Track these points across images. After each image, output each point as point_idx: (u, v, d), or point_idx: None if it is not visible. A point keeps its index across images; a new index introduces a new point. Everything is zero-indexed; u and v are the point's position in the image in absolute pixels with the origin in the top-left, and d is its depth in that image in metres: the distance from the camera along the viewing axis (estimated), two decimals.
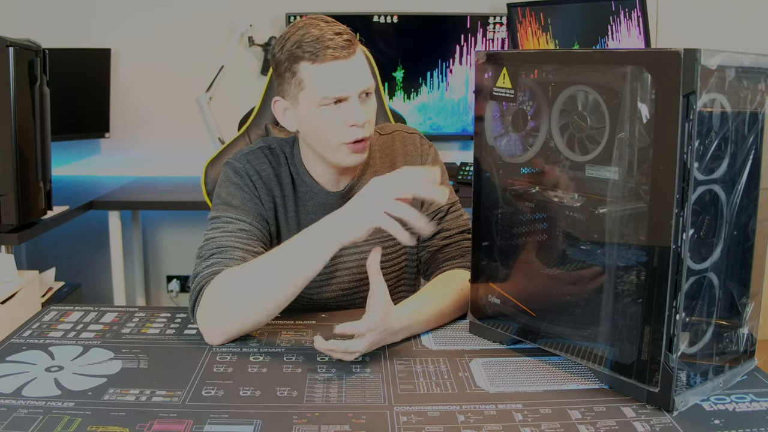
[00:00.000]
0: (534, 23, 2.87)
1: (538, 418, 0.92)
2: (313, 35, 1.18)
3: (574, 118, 1.01)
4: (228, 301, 1.14)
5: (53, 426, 0.89)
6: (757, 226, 1.01)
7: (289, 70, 1.22)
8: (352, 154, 1.24)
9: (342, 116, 1.20)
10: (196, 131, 3.18)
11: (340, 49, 1.18)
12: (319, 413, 0.93)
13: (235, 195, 1.29)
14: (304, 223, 1.33)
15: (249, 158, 1.33)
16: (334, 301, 1.37)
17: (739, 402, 0.97)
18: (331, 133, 1.22)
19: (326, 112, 1.21)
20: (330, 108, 1.20)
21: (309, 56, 1.18)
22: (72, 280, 2.75)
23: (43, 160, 2.15)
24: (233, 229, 1.25)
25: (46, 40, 2.25)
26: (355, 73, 1.20)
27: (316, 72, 1.19)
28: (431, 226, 1.08)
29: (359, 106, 1.20)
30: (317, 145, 1.27)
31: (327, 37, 1.18)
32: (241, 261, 1.19)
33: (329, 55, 1.18)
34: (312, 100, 1.21)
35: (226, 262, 1.18)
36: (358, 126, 1.20)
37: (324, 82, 1.19)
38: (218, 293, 1.14)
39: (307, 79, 1.20)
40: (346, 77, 1.19)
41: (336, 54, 1.18)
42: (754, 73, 0.95)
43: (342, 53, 1.18)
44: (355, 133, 1.21)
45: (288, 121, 1.28)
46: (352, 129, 1.21)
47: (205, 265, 1.19)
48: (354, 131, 1.21)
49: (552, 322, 1.08)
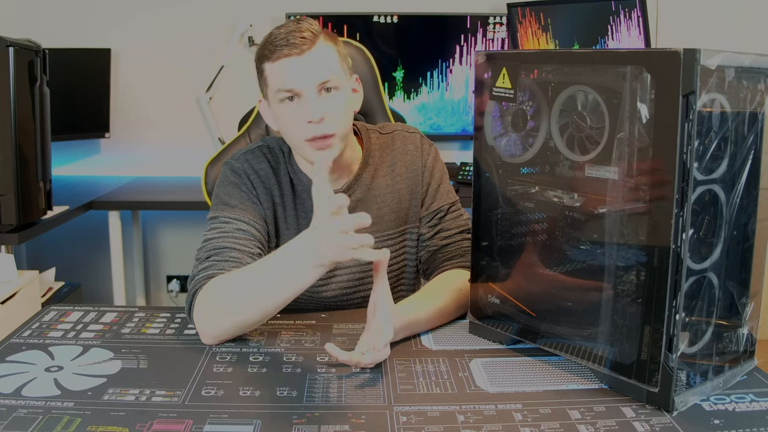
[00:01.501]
0: (534, 23, 2.87)
1: (537, 418, 0.92)
2: (275, 35, 1.22)
3: (574, 118, 1.01)
4: (217, 308, 1.15)
5: (53, 426, 0.89)
6: (757, 226, 1.01)
7: (258, 69, 1.27)
8: (318, 150, 1.23)
9: (299, 112, 1.22)
10: (196, 131, 3.18)
11: (291, 46, 1.20)
12: (319, 413, 0.93)
13: (233, 195, 1.30)
14: (303, 222, 1.34)
15: (247, 157, 1.34)
16: (334, 301, 1.38)
17: (739, 402, 0.97)
18: (293, 129, 1.24)
19: (286, 109, 1.23)
20: (288, 104, 1.23)
21: (267, 54, 1.23)
22: (72, 280, 2.75)
23: (43, 160, 2.15)
24: (231, 229, 1.25)
25: (46, 40, 2.25)
26: (307, 68, 1.21)
27: (273, 69, 1.23)
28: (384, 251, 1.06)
29: (315, 101, 1.21)
30: (289, 143, 1.30)
31: (282, 36, 1.21)
32: (237, 262, 1.20)
33: (282, 53, 1.21)
34: (272, 97, 1.25)
35: (221, 264, 1.19)
36: (313, 122, 1.20)
37: (277, 78, 1.22)
38: (208, 299, 1.15)
39: (269, 77, 1.24)
40: (296, 73, 1.21)
41: (287, 51, 1.21)
42: (754, 73, 0.95)
43: (293, 51, 1.21)
44: (312, 130, 1.21)
45: (269, 120, 1.32)
46: (309, 125, 1.21)
47: (201, 268, 1.20)
48: (311, 128, 1.21)
49: (552, 322, 1.08)
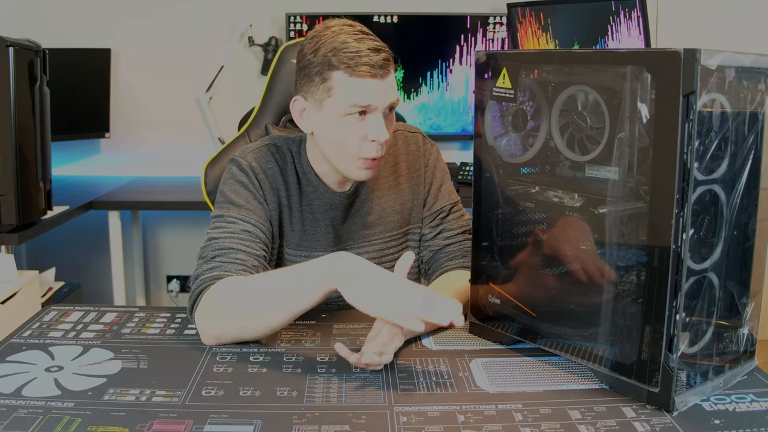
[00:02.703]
0: (534, 23, 2.87)
1: (538, 418, 0.92)
2: (353, 47, 1.17)
3: (574, 118, 1.01)
4: (223, 313, 1.14)
5: (53, 426, 0.89)
6: (757, 226, 1.01)
7: (320, 75, 1.20)
8: (364, 170, 1.24)
9: (364, 130, 1.20)
10: (196, 131, 3.18)
11: (377, 67, 1.17)
12: (319, 413, 0.93)
13: (240, 194, 1.28)
14: (308, 223, 1.33)
15: (255, 156, 1.31)
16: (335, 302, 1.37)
17: (739, 402, 0.97)
18: (350, 144, 1.21)
19: (349, 123, 1.20)
20: (354, 119, 1.19)
21: (345, 68, 1.17)
22: (72, 280, 2.75)
23: (43, 160, 2.15)
24: (237, 230, 1.24)
25: (46, 40, 2.25)
26: (386, 92, 1.19)
27: (350, 84, 1.18)
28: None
29: (382, 123, 1.20)
30: (331, 153, 1.25)
31: (366, 53, 1.17)
32: (242, 264, 1.19)
33: (367, 72, 1.17)
34: (338, 108, 1.19)
35: (227, 266, 1.18)
36: (378, 141, 1.20)
37: (355, 93, 1.18)
38: (215, 302, 1.14)
39: (338, 87, 1.18)
40: (376, 94, 1.18)
41: (373, 72, 1.17)
42: (754, 73, 0.95)
43: (378, 72, 1.17)
44: (373, 150, 1.21)
45: (305, 122, 1.26)
46: (372, 144, 1.21)
47: (206, 268, 1.19)
48: (373, 147, 1.21)
49: (552, 322, 1.08)
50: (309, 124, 1.26)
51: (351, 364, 1.07)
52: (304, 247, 1.34)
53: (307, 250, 1.34)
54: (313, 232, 1.34)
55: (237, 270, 1.18)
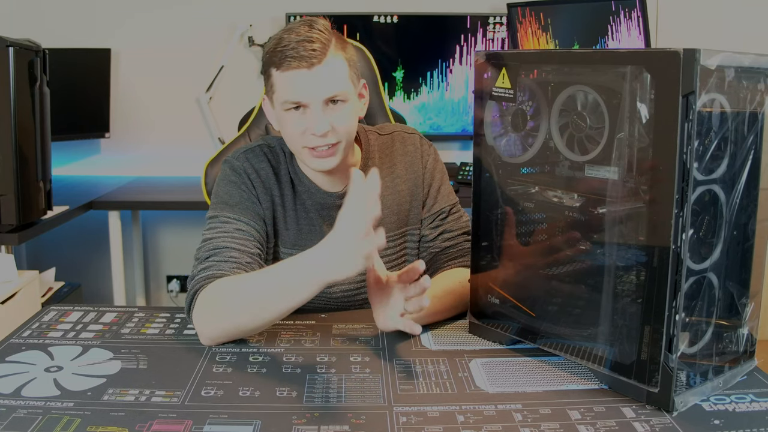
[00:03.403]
0: (534, 23, 2.87)
1: (537, 419, 0.92)
2: (284, 42, 1.20)
3: (574, 118, 1.01)
4: (217, 312, 1.14)
5: (53, 426, 0.89)
6: (757, 226, 1.01)
7: (265, 73, 1.25)
8: (315, 159, 1.25)
9: (304, 123, 1.22)
10: (196, 131, 3.18)
11: (301, 59, 1.18)
12: (319, 413, 0.93)
13: (233, 194, 1.29)
14: (302, 222, 1.34)
15: (248, 156, 1.33)
16: (335, 302, 1.38)
17: (739, 402, 0.97)
18: (293, 137, 1.25)
19: (291, 117, 1.23)
20: (293, 113, 1.22)
21: (276, 63, 1.21)
22: (72, 280, 2.75)
23: (43, 160, 2.15)
24: (230, 229, 1.25)
25: (46, 40, 2.25)
26: (316, 82, 1.20)
27: (281, 79, 1.21)
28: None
29: (320, 115, 1.20)
30: (290, 147, 1.30)
31: (292, 46, 1.18)
32: (236, 261, 1.20)
33: (291, 65, 1.19)
34: (278, 104, 1.24)
35: (220, 265, 1.19)
36: (315, 135, 1.21)
37: (284, 88, 1.21)
38: (210, 303, 1.14)
39: (276, 84, 1.23)
40: (304, 86, 1.20)
41: (295, 64, 1.19)
42: (754, 73, 0.95)
43: (302, 64, 1.18)
44: (315, 141, 1.22)
45: (272, 119, 1.31)
46: (311, 136, 1.22)
47: (201, 268, 1.19)
48: (314, 139, 1.22)
49: (552, 322, 1.08)
50: (274, 122, 1.31)
51: (351, 364, 1.08)
52: (300, 246, 1.34)
53: (302, 249, 1.33)
54: (308, 230, 1.34)
55: (230, 268, 1.19)
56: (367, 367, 1.08)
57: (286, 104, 1.22)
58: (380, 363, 1.09)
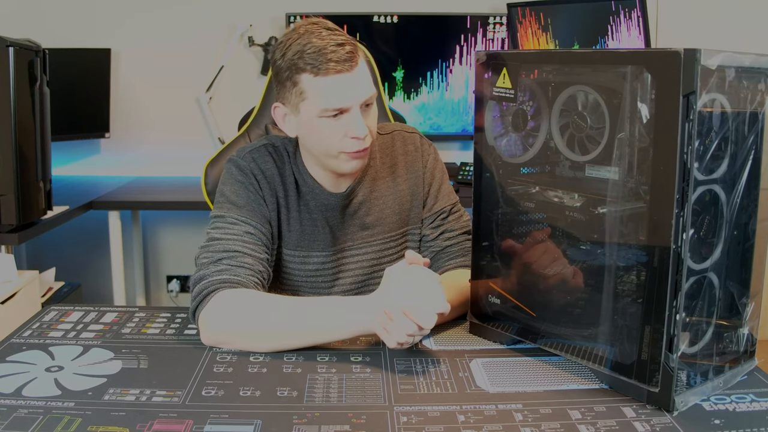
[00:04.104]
0: (534, 23, 2.87)
1: (538, 418, 0.92)
2: (315, 46, 1.17)
3: (574, 118, 1.01)
4: (237, 325, 1.13)
5: (53, 426, 0.89)
6: (757, 226, 1.01)
7: (290, 79, 1.21)
8: (351, 161, 1.24)
9: (343, 127, 1.20)
10: (196, 131, 3.18)
11: (342, 62, 1.17)
12: (319, 413, 0.93)
13: (240, 194, 1.28)
14: (306, 223, 1.33)
15: (254, 156, 1.32)
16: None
17: (739, 402, 0.97)
18: (331, 142, 1.22)
19: (327, 123, 1.21)
20: (331, 120, 1.20)
21: (311, 68, 1.17)
22: (72, 280, 2.75)
23: (43, 160, 2.15)
24: (240, 231, 1.24)
25: (46, 40, 2.25)
26: (356, 85, 1.19)
27: (318, 84, 1.18)
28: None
29: (360, 118, 1.20)
30: (317, 152, 1.27)
31: (329, 49, 1.16)
32: (251, 269, 1.19)
33: (331, 69, 1.17)
34: (313, 110, 1.20)
35: (236, 270, 1.18)
36: (358, 138, 1.21)
37: (325, 94, 1.18)
38: (229, 311, 1.13)
39: (309, 90, 1.19)
40: (347, 90, 1.19)
41: (338, 68, 1.17)
42: (754, 73, 0.95)
43: (344, 66, 1.17)
44: (355, 145, 1.22)
45: (288, 126, 1.28)
46: (353, 140, 1.21)
47: (214, 270, 1.18)
48: (354, 143, 1.22)
49: (552, 322, 1.08)
50: (292, 129, 1.28)
51: (351, 364, 1.08)
52: (303, 248, 1.34)
53: (305, 250, 1.34)
54: (311, 232, 1.34)
55: (246, 275, 1.18)
56: (368, 367, 1.08)
57: (327, 111, 1.19)
58: (381, 363, 1.09)
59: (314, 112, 1.20)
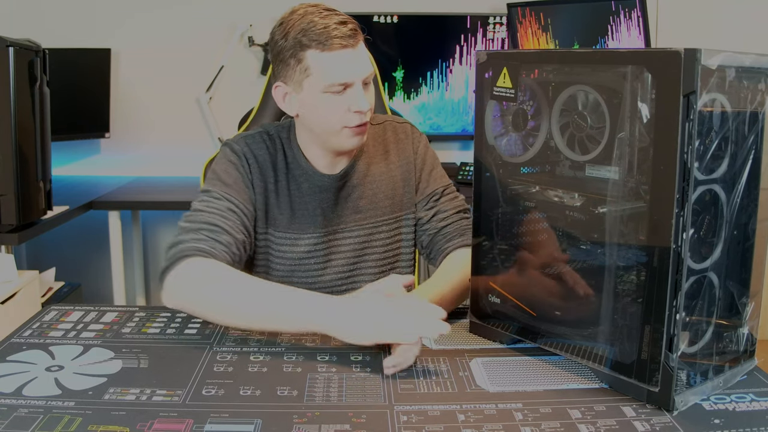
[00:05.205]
0: (534, 23, 2.87)
1: (538, 418, 0.92)
2: (319, 24, 1.21)
3: (575, 117, 1.01)
4: (200, 294, 1.17)
5: (53, 425, 0.89)
6: (757, 226, 1.01)
7: (294, 57, 1.24)
8: (353, 137, 1.28)
9: (346, 102, 1.24)
10: (196, 131, 3.18)
11: (347, 38, 1.22)
12: (320, 412, 0.93)
13: (230, 173, 1.32)
14: (297, 206, 1.36)
15: (248, 141, 1.36)
16: (329, 287, 1.39)
17: (739, 402, 0.97)
18: (335, 118, 1.26)
19: (331, 99, 1.24)
20: (334, 96, 1.24)
21: (316, 45, 1.22)
22: (72, 280, 2.75)
23: (43, 160, 2.15)
24: (222, 207, 1.27)
25: (46, 40, 2.25)
26: (360, 61, 1.24)
27: (324, 60, 1.22)
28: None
29: (362, 93, 1.25)
30: (319, 129, 1.30)
31: (333, 26, 1.21)
32: (227, 248, 1.22)
33: (337, 44, 1.21)
34: (317, 86, 1.24)
35: (214, 244, 1.21)
36: (362, 112, 1.24)
37: (331, 69, 1.22)
38: (196, 279, 1.17)
39: (314, 66, 1.23)
40: (352, 65, 1.23)
41: (344, 43, 1.21)
42: (755, 73, 0.95)
43: (349, 42, 1.22)
44: (358, 119, 1.26)
45: (288, 105, 1.31)
46: (356, 114, 1.25)
47: (191, 237, 1.21)
48: (357, 117, 1.25)
49: (552, 321, 1.08)
50: (293, 107, 1.31)
51: (351, 363, 1.08)
52: (293, 230, 1.36)
53: (296, 232, 1.36)
54: (302, 214, 1.36)
55: (222, 252, 1.21)
56: (368, 367, 1.08)
57: (333, 86, 1.23)
58: (381, 362, 1.09)
59: (319, 87, 1.24)
